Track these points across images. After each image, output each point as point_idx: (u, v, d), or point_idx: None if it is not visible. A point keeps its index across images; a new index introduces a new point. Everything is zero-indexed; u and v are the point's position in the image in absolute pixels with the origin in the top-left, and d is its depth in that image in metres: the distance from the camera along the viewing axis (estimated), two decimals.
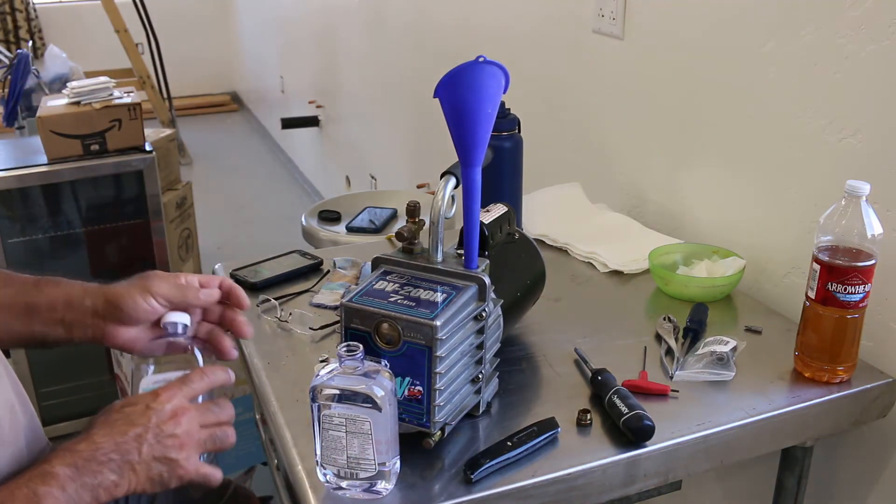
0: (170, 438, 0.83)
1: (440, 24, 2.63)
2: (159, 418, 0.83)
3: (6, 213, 2.35)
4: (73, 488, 0.79)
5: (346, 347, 0.86)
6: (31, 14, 5.96)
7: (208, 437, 0.86)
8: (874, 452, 1.23)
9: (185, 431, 0.84)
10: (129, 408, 0.84)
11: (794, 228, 1.33)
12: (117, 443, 0.82)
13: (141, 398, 0.85)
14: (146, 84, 4.95)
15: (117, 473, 0.81)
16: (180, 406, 0.84)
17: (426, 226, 1.02)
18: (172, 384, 0.86)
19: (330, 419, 0.87)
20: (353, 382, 0.86)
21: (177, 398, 0.85)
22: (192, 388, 0.86)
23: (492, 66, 0.95)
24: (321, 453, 0.89)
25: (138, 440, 0.82)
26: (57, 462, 0.80)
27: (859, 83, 1.18)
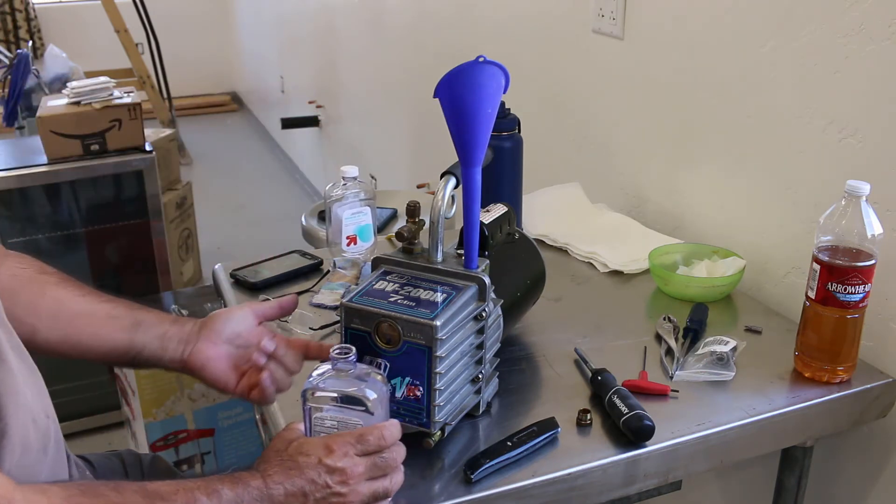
0: (335, 496, 0.84)
1: (440, 23, 2.63)
2: (329, 475, 0.84)
3: (6, 213, 2.35)
4: None
5: (339, 350, 0.86)
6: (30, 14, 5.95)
7: (372, 491, 0.87)
8: (874, 452, 1.23)
9: (351, 490, 0.85)
10: (303, 458, 0.84)
11: (794, 228, 1.33)
12: (286, 490, 0.83)
13: (314, 449, 0.85)
14: (146, 84, 4.95)
15: None
16: (351, 465, 0.84)
17: (426, 226, 1.02)
18: (345, 439, 0.85)
19: (321, 422, 0.87)
20: (345, 385, 0.86)
21: (349, 457, 0.84)
22: (366, 446, 0.86)
23: (492, 66, 0.95)
24: None
25: (305, 495, 0.83)
26: (228, 485, 0.82)
27: (860, 83, 1.18)
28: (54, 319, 1.04)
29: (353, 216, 1.42)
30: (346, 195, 1.42)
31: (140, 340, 1.03)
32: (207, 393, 1.94)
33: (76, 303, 1.05)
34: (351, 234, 1.43)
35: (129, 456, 1.28)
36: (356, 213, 1.42)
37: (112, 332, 1.03)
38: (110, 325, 1.03)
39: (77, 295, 1.05)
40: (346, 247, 1.43)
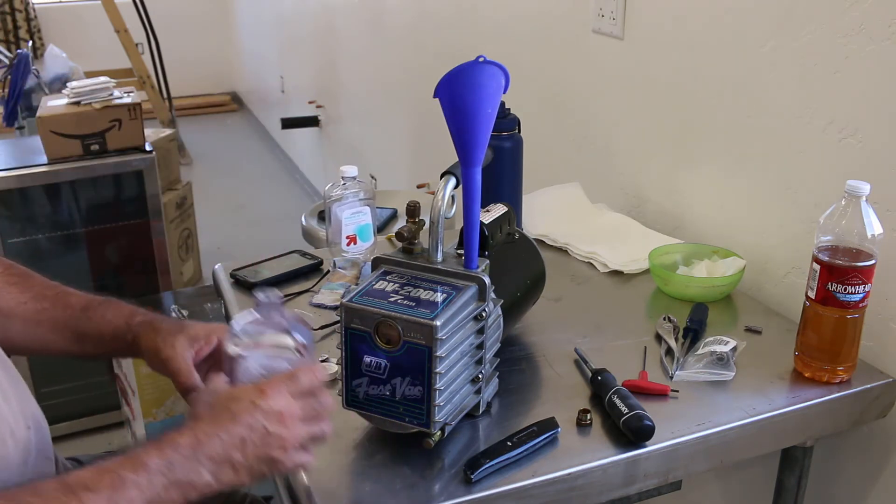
0: (274, 439, 0.82)
1: (440, 23, 2.63)
2: (265, 418, 0.81)
3: (6, 213, 2.35)
4: (162, 483, 0.77)
5: (263, 293, 0.83)
6: (30, 14, 5.95)
7: (309, 434, 0.85)
8: (874, 452, 1.23)
9: (289, 432, 0.82)
10: (235, 404, 0.81)
11: (794, 228, 1.33)
12: (222, 441, 0.80)
13: (246, 393, 0.82)
14: (146, 84, 4.95)
15: (213, 473, 0.80)
16: (286, 406, 0.82)
17: (426, 226, 1.02)
18: (278, 381, 0.83)
19: (247, 371, 0.85)
20: (271, 330, 0.83)
21: (283, 397, 0.82)
22: (299, 387, 0.84)
23: (492, 66, 0.95)
24: None
25: (243, 440, 0.80)
26: (154, 453, 0.78)
27: (860, 83, 1.18)
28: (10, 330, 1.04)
29: (352, 216, 1.42)
30: (345, 195, 1.42)
31: (91, 352, 1.05)
32: None
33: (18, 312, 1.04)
34: (351, 234, 1.43)
35: None
36: (356, 213, 1.43)
37: (61, 343, 1.05)
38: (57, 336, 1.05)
39: (19, 301, 1.05)
40: (346, 247, 1.43)
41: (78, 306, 1.05)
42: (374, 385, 0.93)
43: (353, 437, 0.99)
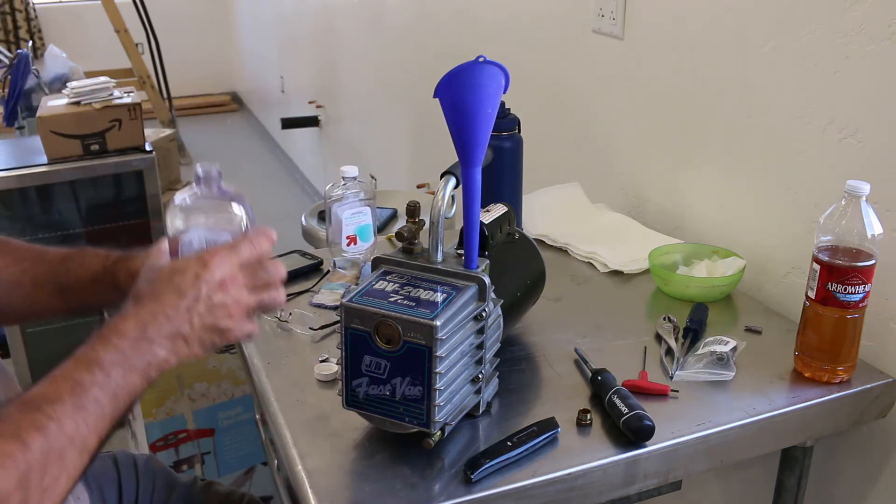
0: (220, 308, 0.82)
1: (440, 23, 2.63)
2: (209, 288, 0.81)
3: (6, 213, 2.36)
4: (120, 373, 0.77)
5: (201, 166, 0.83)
6: (30, 14, 5.96)
7: (257, 302, 0.85)
8: (874, 452, 1.23)
9: (234, 300, 0.82)
10: (178, 277, 0.81)
11: (794, 228, 1.33)
12: (168, 316, 0.79)
13: (189, 265, 0.82)
14: (146, 84, 4.95)
15: (167, 349, 0.80)
16: (230, 274, 0.82)
17: (426, 226, 1.02)
18: (220, 251, 0.83)
19: (190, 245, 0.84)
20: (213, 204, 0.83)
21: (226, 265, 0.82)
22: (241, 255, 0.83)
23: (492, 66, 0.95)
24: None
25: (189, 312, 0.80)
26: (101, 348, 0.78)
27: (860, 83, 1.18)
28: None
29: (353, 216, 1.42)
30: (345, 195, 1.42)
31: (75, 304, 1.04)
32: (207, 393, 1.94)
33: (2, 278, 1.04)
34: (351, 234, 1.43)
35: (122, 457, 1.28)
36: (356, 213, 1.43)
37: (46, 299, 1.04)
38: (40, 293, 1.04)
39: (1, 269, 1.04)
40: (346, 247, 1.43)
41: (56, 259, 1.04)
42: (374, 385, 0.93)
43: (353, 437, 0.99)
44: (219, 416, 1.97)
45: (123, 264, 1.02)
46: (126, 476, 1.25)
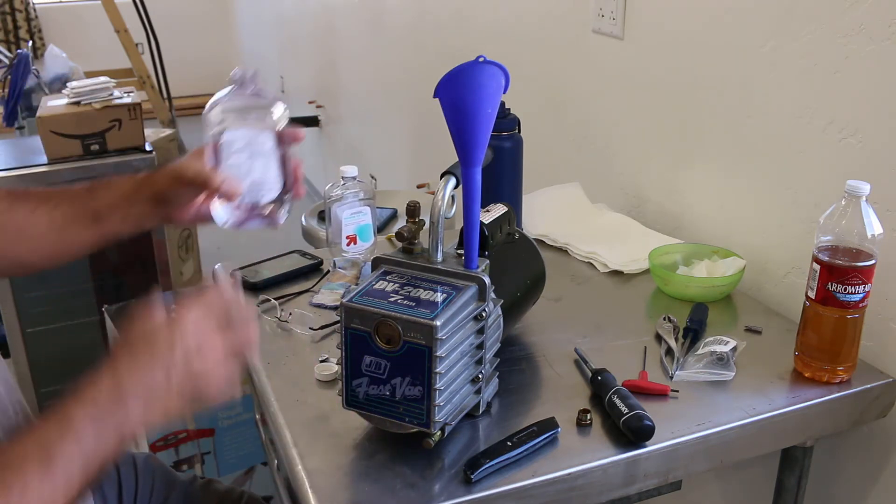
0: (198, 376, 0.80)
1: (440, 23, 2.63)
2: (186, 354, 0.79)
3: None
4: (92, 432, 0.75)
5: (238, 69, 0.84)
6: (31, 14, 5.96)
7: (234, 364, 0.84)
8: (874, 452, 1.23)
9: (212, 365, 0.81)
10: (154, 343, 0.79)
11: (794, 228, 1.33)
12: (144, 381, 0.78)
13: (162, 332, 0.80)
14: (146, 84, 4.94)
15: (143, 412, 0.78)
16: (205, 339, 0.80)
17: (426, 226, 1.02)
18: (193, 308, 0.82)
19: (230, 145, 0.84)
20: (250, 105, 0.83)
21: (200, 329, 0.80)
22: (213, 311, 0.83)
23: (492, 66, 0.95)
24: None
25: (167, 380, 0.78)
26: (74, 403, 0.75)
27: (859, 83, 1.18)
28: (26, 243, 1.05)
29: (352, 216, 1.42)
30: (345, 195, 1.42)
31: (111, 230, 1.04)
32: None
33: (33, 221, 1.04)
34: (351, 234, 1.43)
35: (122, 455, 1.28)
36: (356, 213, 1.43)
37: (80, 232, 1.04)
38: (75, 227, 1.04)
39: (29, 212, 1.05)
40: (346, 247, 1.43)
41: (82, 191, 1.05)
42: (374, 385, 0.93)
43: (353, 437, 0.99)
44: (219, 416, 1.97)
45: (160, 176, 1.02)
46: (126, 475, 1.25)
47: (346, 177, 1.42)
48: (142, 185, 1.04)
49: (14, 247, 1.05)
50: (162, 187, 1.03)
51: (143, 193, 1.04)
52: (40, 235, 1.05)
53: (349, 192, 1.42)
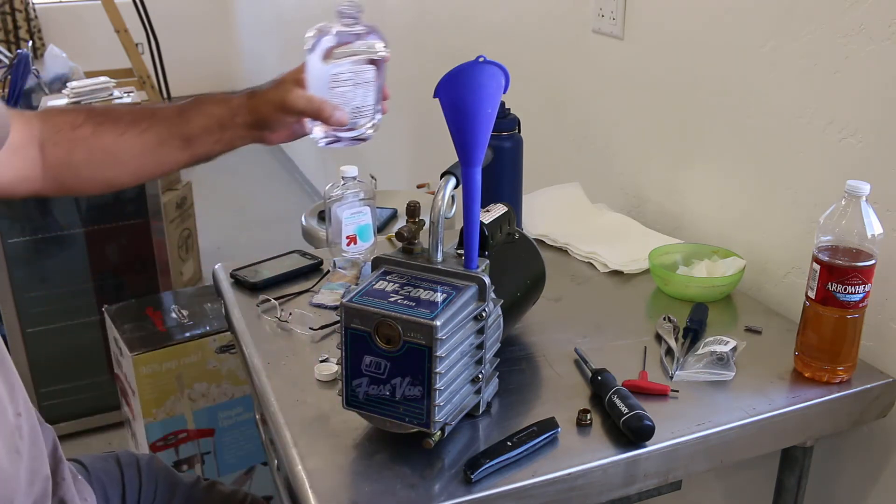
0: None
1: (440, 23, 2.63)
2: None
3: (6, 213, 2.35)
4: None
5: (344, 6, 0.92)
6: (30, 14, 5.95)
7: None
8: (874, 452, 1.23)
9: None
10: None
11: (794, 228, 1.33)
12: None
13: None
14: (146, 84, 4.94)
15: None
16: None
17: (426, 226, 1.02)
18: None
19: (337, 77, 0.94)
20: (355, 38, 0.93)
21: None
22: None
23: (492, 66, 0.95)
24: None
25: None
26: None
27: (859, 83, 1.18)
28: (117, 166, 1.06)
29: (352, 216, 1.42)
30: (345, 195, 1.42)
31: (202, 152, 1.07)
32: (207, 393, 1.94)
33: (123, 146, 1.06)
34: (351, 234, 1.43)
35: (125, 457, 1.28)
36: (356, 213, 1.43)
37: (171, 153, 1.06)
38: (166, 149, 1.06)
39: (117, 135, 1.05)
40: (346, 247, 1.43)
41: (173, 115, 1.06)
42: (374, 385, 0.93)
43: (353, 437, 0.99)
44: (219, 416, 1.97)
45: (261, 103, 1.04)
46: (129, 477, 1.25)
47: (346, 177, 1.42)
48: (238, 110, 1.05)
49: (103, 169, 1.06)
50: (262, 115, 1.04)
51: (240, 119, 1.05)
52: (130, 158, 1.06)
53: (349, 192, 1.42)
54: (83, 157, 1.04)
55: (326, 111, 1.02)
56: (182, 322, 1.97)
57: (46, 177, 1.04)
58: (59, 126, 1.04)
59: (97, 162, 1.05)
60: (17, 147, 1.00)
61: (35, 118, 1.04)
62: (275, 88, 1.04)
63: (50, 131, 1.04)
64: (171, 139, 1.05)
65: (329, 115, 1.02)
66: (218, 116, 1.05)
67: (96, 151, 1.04)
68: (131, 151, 1.05)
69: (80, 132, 1.04)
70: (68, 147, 1.04)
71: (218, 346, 1.92)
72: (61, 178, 1.05)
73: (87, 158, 1.04)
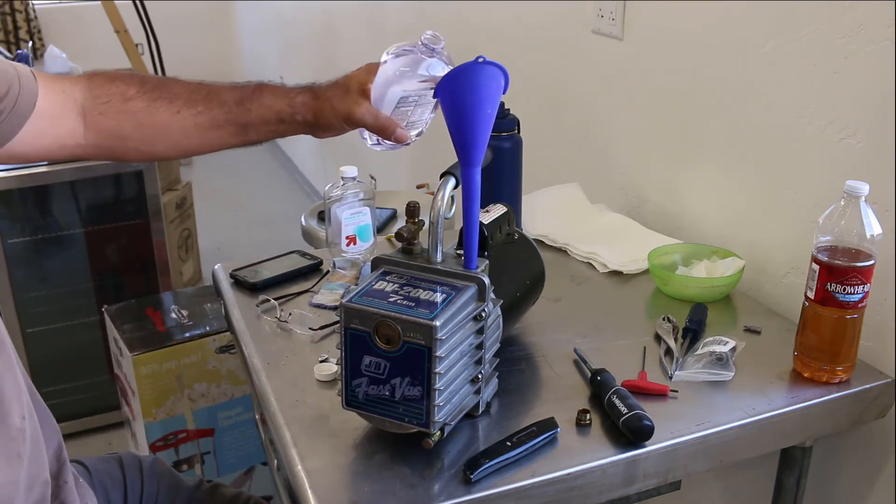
0: None
1: (440, 24, 2.63)
2: None
3: (6, 213, 2.35)
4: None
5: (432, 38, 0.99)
6: (30, 14, 5.95)
7: None
8: (873, 452, 1.23)
9: None
10: None
11: (794, 228, 1.33)
12: None
13: None
14: None
15: None
16: None
17: (426, 226, 1.02)
18: None
19: (406, 100, 1.02)
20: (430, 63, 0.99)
21: None
22: None
23: (491, 67, 0.96)
24: None
25: None
26: None
27: (859, 83, 1.18)
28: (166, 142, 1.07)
29: (352, 216, 1.42)
30: (345, 195, 1.42)
31: (254, 139, 1.08)
32: (207, 393, 1.94)
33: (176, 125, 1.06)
34: (350, 234, 1.43)
35: (128, 458, 1.28)
36: (355, 214, 1.43)
37: (224, 138, 1.07)
38: (220, 133, 1.06)
39: (172, 113, 1.05)
40: (346, 247, 1.43)
41: (232, 101, 1.06)
42: (374, 385, 0.93)
43: (353, 437, 0.99)
44: (219, 416, 1.97)
45: (325, 110, 1.05)
46: (131, 478, 1.24)
47: (345, 177, 1.42)
48: (300, 108, 1.05)
49: (152, 144, 1.07)
50: (325, 120, 1.05)
51: (301, 117, 1.06)
52: (182, 137, 1.06)
53: (349, 192, 1.42)
54: (132, 130, 1.04)
55: (390, 131, 1.05)
56: (182, 322, 1.97)
57: (89, 144, 1.04)
58: (108, 96, 1.03)
59: (147, 136, 1.05)
60: (54, 115, 1.00)
61: (77, 85, 1.03)
62: (341, 97, 1.05)
63: (96, 100, 1.03)
64: (227, 125, 1.06)
65: (391, 134, 1.05)
66: (278, 110, 1.05)
67: (147, 127, 1.04)
68: (184, 131, 1.05)
69: (132, 105, 1.04)
70: (117, 118, 1.03)
71: (218, 347, 1.92)
72: (106, 145, 1.05)
73: (136, 132, 1.04)
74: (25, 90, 0.97)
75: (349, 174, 1.42)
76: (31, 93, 0.98)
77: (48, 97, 1.00)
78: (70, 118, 1.02)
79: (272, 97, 1.06)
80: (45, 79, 1.01)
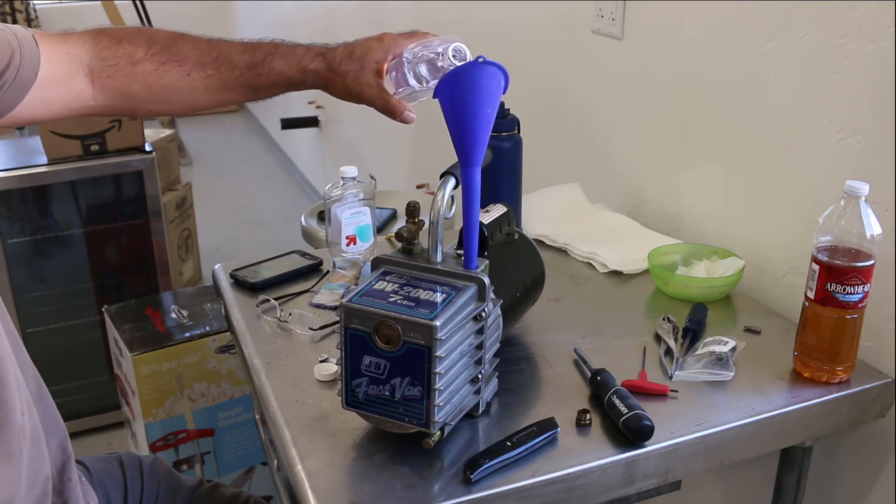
0: None
1: (440, 24, 2.63)
2: None
3: (6, 213, 2.36)
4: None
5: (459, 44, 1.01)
6: (31, 15, 5.96)
7: None
8: (873, 452, 1.23)
9: None
10: None
11: (794, 228, 1.33)
12: None
13: None
14: None
15: None
16: None
17: (426, 226, 1.02)
18: None
19: (422, 93, 1.06)
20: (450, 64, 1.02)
21: None
22: None
23: (492, 67, 0.96)
24: None
25: None
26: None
27: (859, 83, 1.18)
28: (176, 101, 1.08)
29: (352, 216, 1.42)
30: (345, 195, 1.42)
31: (264, 96, 1.09)
32: (207, 393, 1.94)
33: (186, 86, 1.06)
34: (350, 234, 1.43)
35: (128, 458, 1.28)
36: (355, 214, 1.43)
37: (235, 98, 1.09)
38: (230, 93, 1.07)
39: (182, 76, 1.05)
40: (346, 247, 1.43)
41: (243, 65, 1.06)
42: (374, 385, 0.93)
43: (352, 437, 0.99)
44: (219, 416, 1.97)
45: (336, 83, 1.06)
46: (131, 478, 1.24)
47: (345, 177, 1.42)
48: (311, 76, 1.06)
49: (161, 103, 1.08)
50: (335, 90, 1.07)
51: (311, 83, 1.07)
52: (192, 96, 1.07)
53: (349, 192, 1.42)
54: (142, 91, 1.05)
55: (398, 113, 1.07)
56: (182, 322, 1.97)
57: (98, 104, 1.04)
58: (116, 59, 1.03)
59: (157, 97, 1.06)
60: (59, 80, 1.00)
61: (83, 46, 1.03)
62: (356, 75, 1.05)
63: (104, 63, 1.03)
64: (237, 86, 1.06)
65: (398, 116, 1.07)
66: (289, 77, 1.06)
67: (157, 89, 1.05)
68: (193, 92, 1.06)
69: (140, 68, 1.04)
70: (125, 80, 1.03)
71: (218, 346, 1.92)
72: (116, 105, 1.06)
73: (146, 93, 1.05)
74: (27, 59, 0.96)
75: (349, 174, 1.43)
76: (34, 62, 0.97)
77: (52, 62, 0.99)
78: (77, 80, 1.02)
79: (284, 63, 1.06)
80: (48, 41, 0.99)
